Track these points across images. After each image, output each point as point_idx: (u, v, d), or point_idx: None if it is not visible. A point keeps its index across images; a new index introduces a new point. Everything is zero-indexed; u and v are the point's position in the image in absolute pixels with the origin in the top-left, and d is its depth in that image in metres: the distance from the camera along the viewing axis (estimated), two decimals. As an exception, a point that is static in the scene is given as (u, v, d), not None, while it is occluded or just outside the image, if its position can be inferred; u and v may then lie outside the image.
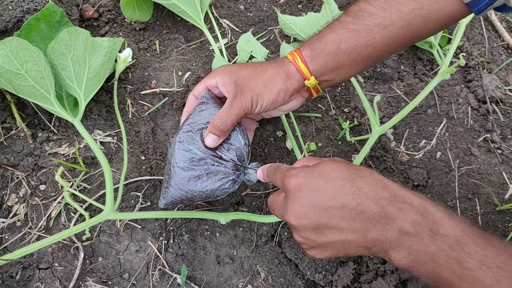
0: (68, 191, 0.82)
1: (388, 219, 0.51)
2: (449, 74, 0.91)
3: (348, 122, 0.95)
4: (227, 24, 1.05)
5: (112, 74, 0.92)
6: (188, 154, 0.70)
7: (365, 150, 0.87)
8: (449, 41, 1.05)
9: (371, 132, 0.89)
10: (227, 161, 0.72)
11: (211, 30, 1.01)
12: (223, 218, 0.79)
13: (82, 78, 0.81)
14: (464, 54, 1.04)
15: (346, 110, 0.98)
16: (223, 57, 0.96)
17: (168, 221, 0.84)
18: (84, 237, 0.82)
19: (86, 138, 0.80)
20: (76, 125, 0.81)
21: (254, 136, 0.89)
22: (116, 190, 0.83)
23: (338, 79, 0.74)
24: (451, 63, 0.98)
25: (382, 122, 0.96)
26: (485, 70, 1.04)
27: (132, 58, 0.96)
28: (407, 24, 0.66)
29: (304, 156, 0.89)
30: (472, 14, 1.02)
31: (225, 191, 0.72)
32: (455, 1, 0.64)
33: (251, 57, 0.95)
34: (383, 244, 0.52)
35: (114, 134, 0.91)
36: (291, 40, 1.03)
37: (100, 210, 0.79)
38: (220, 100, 0.78)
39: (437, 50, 0.96)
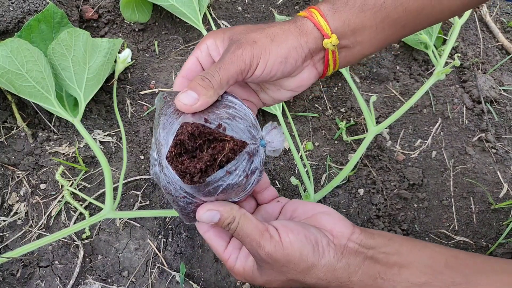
0: (68, 190, 0.83)
1: None
2: (444, 74, 0.93)
3: (344, 122, 0.96)
4: (225, 25, 1.06)
5: (112, 75, 0.93)
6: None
7: (361, 150, 0.88)
8: (444, 41, 1.06)
9: (367, 131, 0.90)
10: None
11: (209, 31, 1.03)
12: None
13: (82, 78, 0.82)
14: (459, 54, 1.05)
15: (342, 110, 0.99)
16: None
17: (166, 220, 0.85)
18: (84, 235, 0.83)
19: (86, 137, 0.81)
20: (76, 124, 0.82)
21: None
22: (115, 189, 0.84)
23: (359, 49, 0.59)
24: (446, 63, 0.99)
25: (378, 122, 0.97)
26: (479, 70, 1.05)
27: (131, 59, 0.98)
28: None
29: (301, 155, 0.90)
30: (468, 15, 1.03)
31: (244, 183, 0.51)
32: None
33: None
34: None
35: (113, 133, 0.92)
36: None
37: (100, 209, 0.80)
38: None
39: (432, 51, 0.97)
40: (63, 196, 0.84)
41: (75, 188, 0.85)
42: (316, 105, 0.99)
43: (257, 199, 0.65)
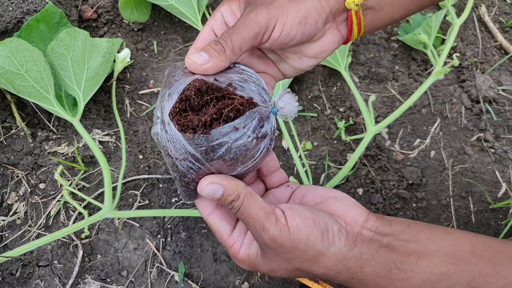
0: (67, 189, 0.83)
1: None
2: (443, 74, 0.93)
3: (343, 121, 0.96)
4: (224, 25, 1.06)
5: (111, 74, 0.93)
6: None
7: (360, 149, 0.88)
8: (443, 41, 1.06)
9: (366, 131, 0.90)
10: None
11: (209, 31, 1.03)
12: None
13: (81, 78, 0.82)
14: (458, 54, 1.05)
15: (341, 109, 0.99)
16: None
17: (165, 219, 0.85)
18: (83, 235, 0.83)
19: (85, 137, 0.81)
20: (75, 124, 0.82)
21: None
22: (114, 189, 0.84)
23: (388, 11, 0.54)
24: (445, 63, 0.99)
25: (377, 122, 0.97)
26: (478, 70, 1.06)
27: (130, 59, 0.98)
28: None
29: (300, 155, 0.91)
30: (467, 15, 1.04)
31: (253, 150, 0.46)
32: None
33: None
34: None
35: (112, 133, 0.92)
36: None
37: (99, 208, 0.80)
38: None
39: (431, 51, 0.98)
40: (62, 195, 0.84)
41: (74, 188, 0.85)
42: (315, 105, 0.99)
43: (265, 183, 0.59)
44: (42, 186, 0.86)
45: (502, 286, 0.47)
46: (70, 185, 0.85)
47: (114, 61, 0.92)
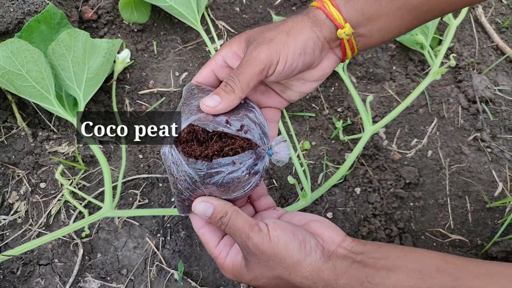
0: (67, 188, 0.84)
1: None
2: (440, 74, 0.94)
3: (341, 121, 0.97)
4: (223, 26, 1.07)
5: (111, 75, 0.94)
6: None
7: (358, 149, 0.89)
8: (440, 42, 1.07)
9: (363, 131, 0.91)
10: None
11: (208, 31, 1.04)
12: None
13: (81, 78, 0.83)
14: (455, 55, 1.06)
15: (339, 109, 1.00)
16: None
17: (165, 218, 0.86)
18: (83, 234, 0.84)
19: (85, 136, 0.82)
20: (76, 123, 0.83)
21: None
22: (114, 188, 0.85)
23: (377, 36, 0.58)
24: (442, 63, 1.00)
25: (374, 122, 0.98)
26: (475, 70, 1.06)
27: (130, 59, 0.98)
28: None
29: (298, 155, 0.91)
30: (464, 16, 1.05)
31: (243, 185, 0.54)
32: None
33: None
34: None
35: (112, 133, 0.93)
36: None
37: (99, 207, 0.81)
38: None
39: (428, 51, 0.98)
40: (62, 195, 0.85)
41: (74, 187, 0.85)
42: (313, 105, 1.00)
43: (254, 206, 0.66)
44: (42, 185, 0.87)
45: None
46: (70, 184, 0.86)
47: (114, 61, 0.92)
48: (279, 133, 0.95)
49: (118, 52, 0.94)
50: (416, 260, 0.54)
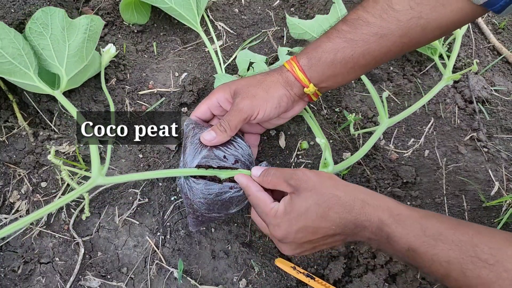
0: (64, 169, 0.76)
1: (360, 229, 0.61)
2: (452, 80, 0.94)
3: (353, 114, 0.96)
4: (222, 27, 1.08)
5: (110, 76, 0.94)
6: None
7: (373, 140, 0.88)
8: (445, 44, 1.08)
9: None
10: (233, 164, 0.72)
11: (207, 32, 1.04)
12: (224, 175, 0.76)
13: (63, 55, 0.81)
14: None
15: (337, 109, 1.01)
16: (218, 57, 0.99)
17: (165, 217, 0.87)
18: (83, 216, 0.81)
19: (70, 110, 0.81)
20: (58, 96, 0.81)
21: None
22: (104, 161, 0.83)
23: (337, 85, 0.77)
24: (444, 66, 1.01)
25: (373, 121, 0.99)
26: (471, 71, 1.07)
27: (130, 60, 0.99)
28: (405, 33, 0.65)
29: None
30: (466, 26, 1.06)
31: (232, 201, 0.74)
32: (460, 6, 0.61)
33: (251, 63, 0.98)
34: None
35: (112, 133, 0.94)
36: (291, 45, 1.06)
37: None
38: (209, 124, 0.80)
39: (438, 57, 0.99)
40: (63, 193, 0.86)
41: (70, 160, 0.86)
42: (311, 105, 1.01)
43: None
44: (43, 184, 0.87)
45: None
46: (67, 158, 0.85)
47: (101, 54, 0.92)
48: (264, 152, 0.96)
49: (103, 47, 0.94)
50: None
